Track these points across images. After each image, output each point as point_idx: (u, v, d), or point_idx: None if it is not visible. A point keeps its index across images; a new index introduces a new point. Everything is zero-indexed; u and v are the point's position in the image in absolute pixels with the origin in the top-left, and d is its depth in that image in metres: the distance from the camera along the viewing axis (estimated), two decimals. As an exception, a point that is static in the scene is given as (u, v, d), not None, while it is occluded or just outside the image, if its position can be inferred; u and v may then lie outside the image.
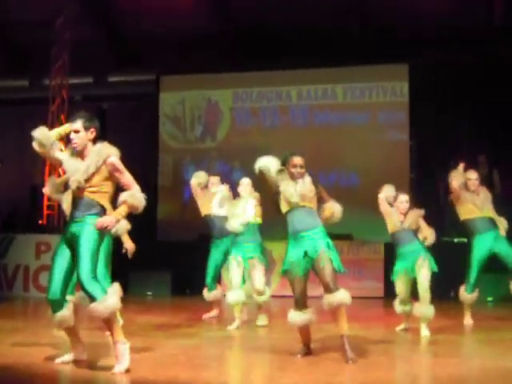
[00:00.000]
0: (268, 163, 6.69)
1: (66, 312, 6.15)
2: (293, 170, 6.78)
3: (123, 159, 6.21)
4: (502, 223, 9.63)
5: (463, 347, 8.02)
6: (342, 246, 14.26)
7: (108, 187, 6.18)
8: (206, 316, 10.32)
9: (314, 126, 16.79)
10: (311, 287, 6.71)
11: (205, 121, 17.52)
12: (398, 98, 16.34)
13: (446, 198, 9.91)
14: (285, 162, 6.84)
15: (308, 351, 6.81)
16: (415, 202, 8.86)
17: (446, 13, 15.50)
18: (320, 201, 6.80)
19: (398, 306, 8.79)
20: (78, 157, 6.21)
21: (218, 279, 10.60)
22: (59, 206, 16.21)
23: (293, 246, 6.66)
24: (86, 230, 6.04)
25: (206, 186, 10.42)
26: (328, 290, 6.50)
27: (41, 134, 6.21)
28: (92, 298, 5.91)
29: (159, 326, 9.40)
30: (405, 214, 8.57)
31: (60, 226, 16.08)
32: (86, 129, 6.22)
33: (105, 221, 6.00)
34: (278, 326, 6.76)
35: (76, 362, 6.29)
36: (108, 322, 5.98)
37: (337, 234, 14.03)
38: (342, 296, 6.53)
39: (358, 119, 16.54)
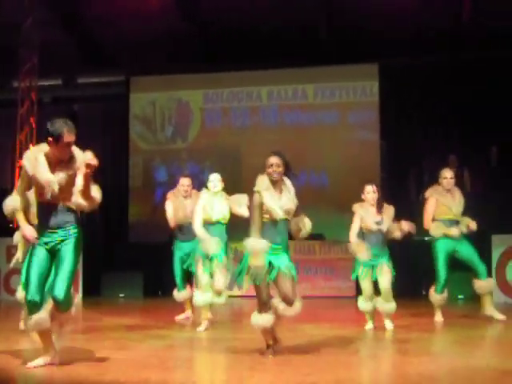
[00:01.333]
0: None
1: (43, 314, 6.13)
2: (269, 171, 6.77)
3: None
4: (464, 223, 9.66)
5: (433, 345, 8.06)
6: (314, 246, 14.33)
7: None
8: (178, 318, 10.30)
9: (285, 125, 16.83)
10: (307, 287, 6.70)
11: (175, 121, 17.50)
12: (369, 98, 16.42)
13: (417, 197, 9.97)
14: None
15: (276, 350, 6.81)
16: (386, 202, 8.92)
17: (416, 12, 15.59)
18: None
19: (361, 304, 8.84)
20: (49, 164, 6.23)
21: (188, 279, 10.49)
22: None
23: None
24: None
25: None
26: (288, 302, 6.60)
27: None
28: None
29: (131, 327, 9.37)
30: (377, 208, 8.69)
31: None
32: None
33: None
34: (249, 326, 6.77)
35: (48, 366, 6.26)
36: None
37: (308, 234, 14.16)
38: (298, 307, 6.66)
39: (328, 119, 16.60)
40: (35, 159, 6.15)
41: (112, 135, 18.26)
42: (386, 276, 8.60)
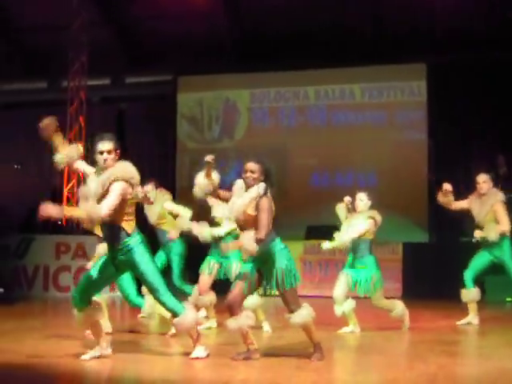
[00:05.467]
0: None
1: (91, 311, 6.36)
2: (243, 176, 6.66)
3: (141, 160, 6.25)
4: (493, 229, 9.34)
5: (482, 347, 7.97)
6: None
7: (118, 207, 6.21)
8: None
9: (332, 125, 16.78)
10: (327, 287, 6.68)
11: (222, 121, 17.55)
12: (416, 98, 16.30)
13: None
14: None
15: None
16: (434, 203, 8.85)
17: (464, 11, 15.46)
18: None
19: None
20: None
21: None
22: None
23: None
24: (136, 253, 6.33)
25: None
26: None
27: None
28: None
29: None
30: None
31: (79, 227, 16.16)
32: (115, 150, 6.34)
33: (47, 209, 5.91)
34: (290, 326, 6.74)
35: (101, 358, 6.37)
36: None
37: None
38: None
39: (375, 119, 16.50)
40: None
41: (159, 135, 18.37)
42: (379, 294, 8.46)
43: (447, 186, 8.85)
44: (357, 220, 8.54)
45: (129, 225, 6.36)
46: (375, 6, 16.24)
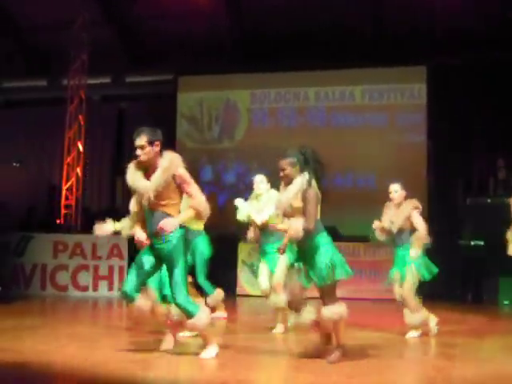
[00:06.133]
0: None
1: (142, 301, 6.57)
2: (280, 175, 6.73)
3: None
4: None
5: (479, 351, 7.96)
6: (359, 248, 14.27)
7: (177, 198, 6.45)
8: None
9: (332, 127, 16.77)
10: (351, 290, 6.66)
11: (222, 121, 17.54)
12: (416, 100, 16.30)
13: (464, 201, 9.83)
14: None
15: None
16: (433, 206, 8.84)
17: (464, 13, 15.46)
18: None
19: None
20: (145, 170, 6.47)
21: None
22: (77, 205, 16.38)
23: None
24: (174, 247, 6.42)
25: None
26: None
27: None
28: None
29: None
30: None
31: (77, 225, 16.17)
32: (151, 143, 6.44)
33: (166, 224, 6.22)
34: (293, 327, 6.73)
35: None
36: None
37: (353, 236, 14.10)
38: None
39: (376, 121, 16.50)
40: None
41: (159, 134, 18.35)
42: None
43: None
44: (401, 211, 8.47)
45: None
46: (376, 7, 16.24)
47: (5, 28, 18.34)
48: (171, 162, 6.38)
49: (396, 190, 8.62)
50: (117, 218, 7.83)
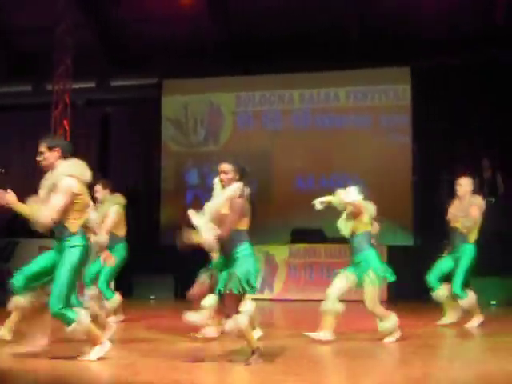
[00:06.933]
0: None
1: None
2: (219, 177, 6.77)
3: (126, 163, 6.28)
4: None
5: (466, 351, 7.99)
6: (345, 250, 14.27)
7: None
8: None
9: (317, 129, 16.80)
10: (312, 290, 6.68)
11: (207, 124, 17.54)
12: (401, 101, 16.35)
13: (448, 202, 9.89)
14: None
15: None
16: (418, 206, 8.87)
17: (447, 14, 15.53)
18: None
19: None
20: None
21: None
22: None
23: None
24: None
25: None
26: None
27: None
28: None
29: (162, 329, 9.38)
30: None
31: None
32: (51, 149, 6.73)
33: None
34: (281, 330, 6.73)
35: (82, 366, 6.35)
36: None
37: (337, 237, 14.10)
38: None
39: (360, 122, 16.53)
40: None
41: (144, 138, 18.35)
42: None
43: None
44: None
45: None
46: (359, 8, 16.27)
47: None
48: (57, 171, 6.67)
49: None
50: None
